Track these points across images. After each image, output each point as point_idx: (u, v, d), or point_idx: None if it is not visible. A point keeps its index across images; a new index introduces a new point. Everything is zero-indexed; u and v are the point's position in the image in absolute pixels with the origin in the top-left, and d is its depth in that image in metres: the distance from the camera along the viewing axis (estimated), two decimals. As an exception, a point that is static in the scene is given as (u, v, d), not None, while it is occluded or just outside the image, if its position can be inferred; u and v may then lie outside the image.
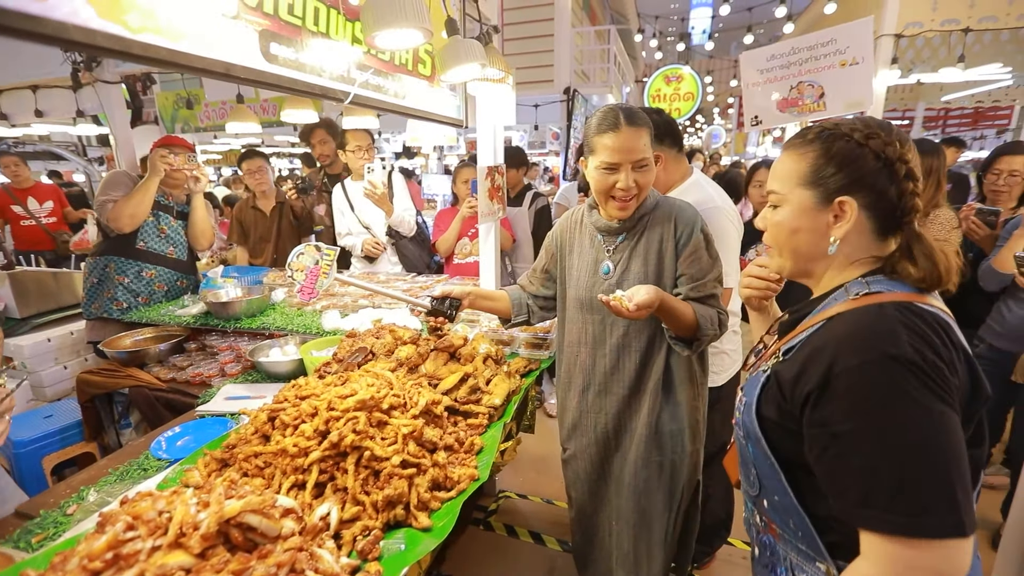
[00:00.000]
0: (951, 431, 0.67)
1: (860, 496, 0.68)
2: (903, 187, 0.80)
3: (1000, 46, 4.43)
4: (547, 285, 1.71)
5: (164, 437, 1.41)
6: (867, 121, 0.84)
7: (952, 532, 0.64)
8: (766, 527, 0.88)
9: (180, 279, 2.77)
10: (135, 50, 0.72)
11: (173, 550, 0.78)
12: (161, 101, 5.07)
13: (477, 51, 1.46)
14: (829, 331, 0.77)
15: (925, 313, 0.73)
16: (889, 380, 0.68)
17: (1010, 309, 2.12)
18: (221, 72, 0.87)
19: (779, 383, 0.81)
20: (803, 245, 0.87)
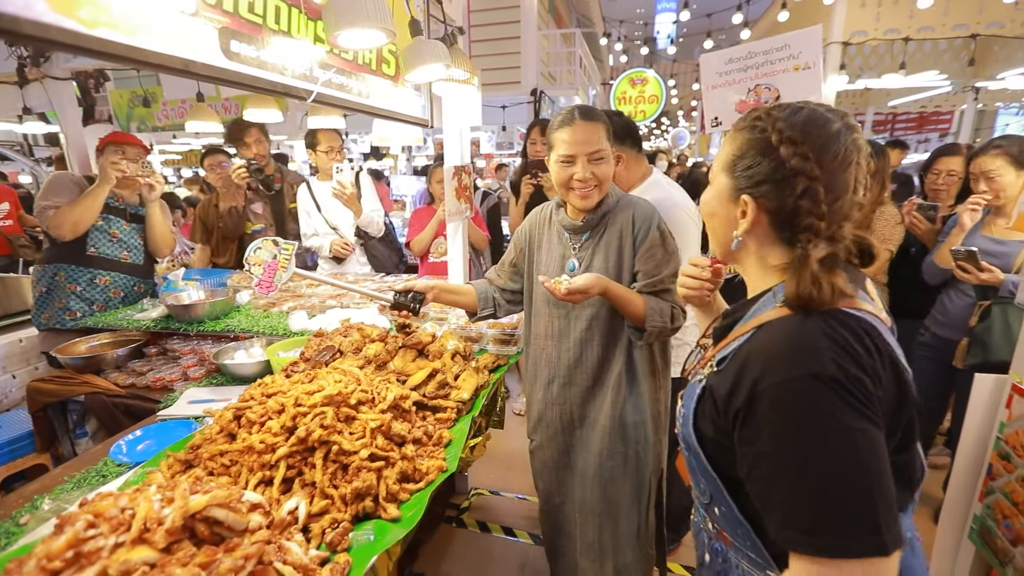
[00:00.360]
0: (872, 449, 0.65)
1: (783, 517, 0.67)
2: (798, 205, 0.74)
3: (938, 55, 4.74)
4: (514, 279, 1.75)
5: (124, 440, 1.38)
6: (803, 124, 0.75)
7: (874, 551, 0.64)
8: (718, 534, 0.87)
9: (137, 284, 2.67)
10: (90, 45, 0.71)
11: (137, 546, 0.77)
12: (115, 99, 4.87)
13: (441, 52, 1.48)
14: (757, 343, 0.74)
15: (850, 319, 0.70)
16: (810, 400, 0.66)
17: (951, 300, 2.27)
18: (179, 68, 0.87)
19: (714, 398, 0.78)
20: (718, 231, 0.86)
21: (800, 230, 0.75)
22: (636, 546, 1.62)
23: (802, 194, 0.74)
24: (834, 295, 0.70)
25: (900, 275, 2.59)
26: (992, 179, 2.04)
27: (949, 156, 2.50)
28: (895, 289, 2.65)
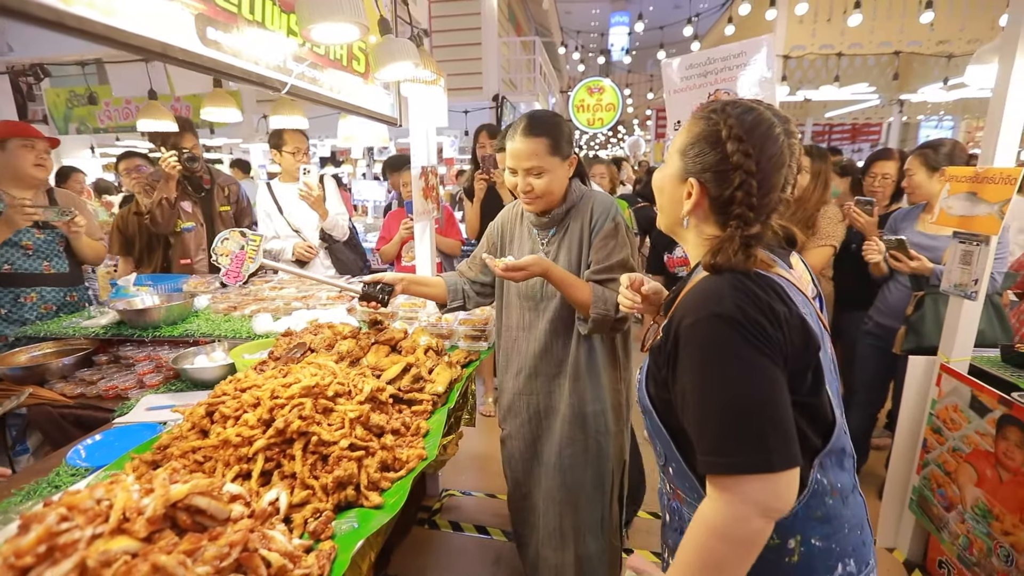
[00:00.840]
0: (766, 380, 0.74)
1: (697, 443, 0.77)
2: (733, 195, 0.83)
3: (867, 69, 5.18)
4: (485, 272, 1.78)
5: (83, 445, 1.31)
6: (750, 125, 0.83)
7: (760, 467, 0.72)
8: (673, 493, 0.95)
9: (69, 294, 2.51)
10: (69, 22, 0.69)
11: (116, 536, 0.75)
12: (51, 98, 4.58)
13: (411, 50, 1.51)
14: (681, 301, 0.84)
15: (759, 277, 0.81)
16: (712, 334, 0.76)
17: (891, 291, 2.47)
18: (158, 52, 0.85)
19: (653, 356, 0.88)
20: (666, 206, 0.95)
21: (732, 217, 0.85)
22: (600, 536, 1.66)
23: (739, 186, 0.83)
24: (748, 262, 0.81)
25: (844, 269, 2.79)
26: (910, 177, 2.28)
27: (883, 160, 2.74)
28: (840, 283, 2.85)
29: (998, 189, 1.78)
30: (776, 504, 0.74)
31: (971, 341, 1.95)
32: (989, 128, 1.84)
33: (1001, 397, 1.68)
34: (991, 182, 1.80)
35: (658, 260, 2.91)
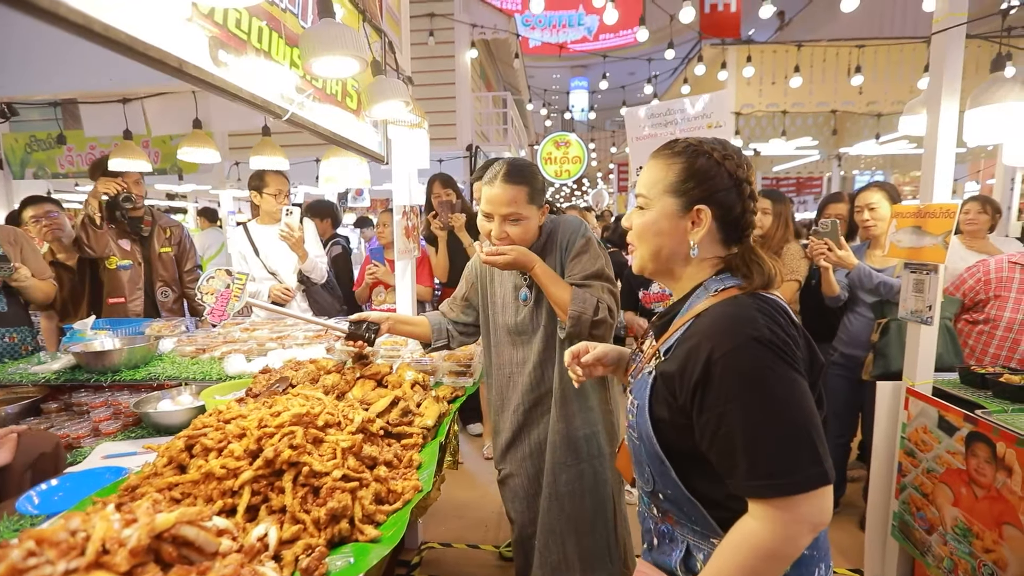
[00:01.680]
0: (806, 395, 0.78)
1: (747, 468, 0.77)
2: (746, 204, 0.92)
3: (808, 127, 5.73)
4: (467, 312, 1.79)
5: (35, 491, 1.18)
6: (724, 143, 0.95)
7: (819, 481, 0.75)
8: (663, 517, 0.95)
9: (9, 335, 2.37)
10: (96, 28, 0.70)
11: (93, 570, 0.67)
12: (8, 143, 4.45)
13: (402, 90, 1.57)
14: (701, 325, 0.86)
15: (771, 301, 0.86)
16: (755, 358, 0.78)
17: (851, 322, 2.60)
18: (174, 67, 0.86)
19: (665, 381, 0.88)
20: (666, 247, 0.95)
21: (745, 226, 0.94)
22: (609, 564, 1.60)
23: (749, 197, 0.93)
24: (779, 274, 0.90)
25: (808, 304, 2.94)
26: (874, 208, 2.45)
27: (835, 203, 3.00)
28: (804, 316, 2.99)
29: (939, 222, 1.95)
30: (824, 517, 0.76)
31: (931, 364, 2.06)
32: (926, 168, 2.03)
33: (966, 415, 1.76)
34: (933, 216, 1.97)
35: (633, 297, 2.99)
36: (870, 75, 4.77)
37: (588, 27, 19.65)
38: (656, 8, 5.97)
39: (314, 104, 1.41)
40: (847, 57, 4.82)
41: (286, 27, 1.22)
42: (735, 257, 0.93)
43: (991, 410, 1.77)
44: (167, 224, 3.07)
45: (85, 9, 0.68)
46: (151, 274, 2.97)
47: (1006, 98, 1.85)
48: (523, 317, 1.62)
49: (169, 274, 3.03)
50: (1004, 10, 2.06)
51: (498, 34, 6.36)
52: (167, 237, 3.02)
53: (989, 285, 2.33)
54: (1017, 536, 1.57)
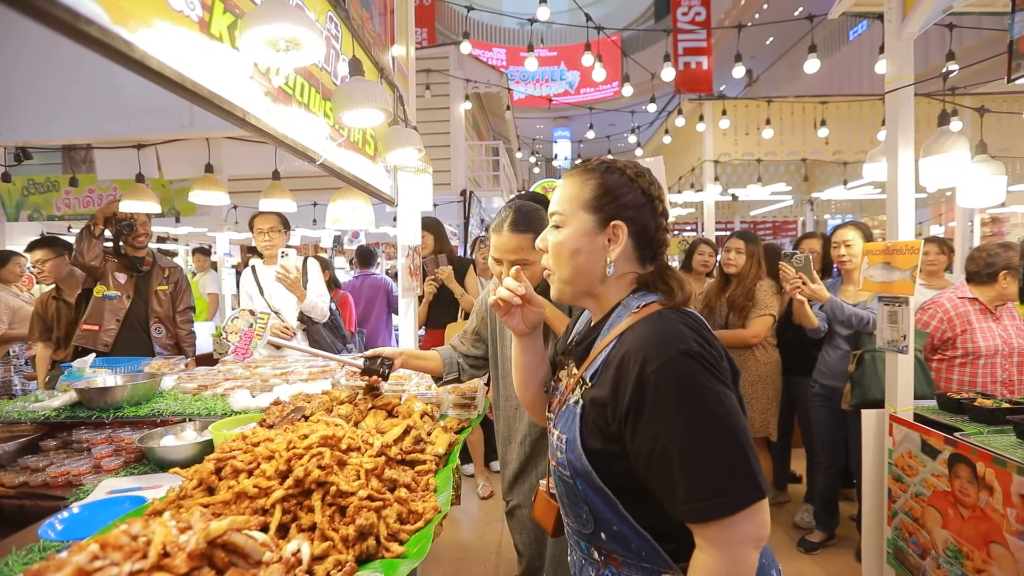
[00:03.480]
0: (735, 408, 0.77)
1: (684, 492, 0.73)
2: (659, 222, 0.91)
3: (781, 173, 6.13)
4: (477, 346, 1.86)
5: (57, 519, 1.19)
6: (635, 162, 0.95)
7: (756, 496, 0.73)
8: (607, 559, 0.88)
9: None
10: (188, 84, 0.80)
11: (155, 572, 0.71)
12: (5, 186, 4.50)
13: (416, 139, 1.71)
14: (626, 344, 0.82)
15: (693, 315, 0.85)
16: (686, 372, 0.76)
17: (829, 354, 2.73)
18: (239, 117, 0.97)
19: (595, 408, 0.83)
20: (584, 264, 0.90)
21: (659, 244, 0.93)
22: None
23: (661, 213, 0.93)
24: (693, 294, 0.90)
25: (787, 338, 3.07)
26: (849, 245, 2.63)
27: (810, 239, 3.21)
28: (784, 351, 3.11)
29: (906, 258, 2.12)
30: (764, 532, 0.75)
31: (911, 391, 2.18)
32: (890, 209, 2.23)
33: (946, 438, 1.87)
34: (900, 253, 2.15)
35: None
36: (834, 127, 5.20)
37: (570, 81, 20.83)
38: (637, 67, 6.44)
39: (341, 150, 1.54)
40: (812, 112, 5.27)
41: (322, 84, 1.36)
42: (650, 275, 0.91)
43: (968, 432, 1.88)
44: (166, 265, 3.21)
45: (180, 69, 0.79)
46: (146, 312, 3.07)
47: (952, 148, 2.08)
48: None
49: (164, 311, 3.12)
50: (945, 73, 2.34)
51: (490, 88, 6.79)
52: (165, 276, 3.14)
53: (952, 323, 2.48)
54: (1004, 554, 1.64)
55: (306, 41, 0.93)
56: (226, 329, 1.57)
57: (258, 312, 1.59)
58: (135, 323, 3.03)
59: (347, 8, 1.36)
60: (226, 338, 1.54)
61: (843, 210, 7.87)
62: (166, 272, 3.15)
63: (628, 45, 18.37)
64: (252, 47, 0.92)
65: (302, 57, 0.97)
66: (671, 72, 4.55)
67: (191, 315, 3.29)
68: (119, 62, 0.73)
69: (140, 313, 3.04)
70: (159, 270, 3.12)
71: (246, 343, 1.54)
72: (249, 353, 1.52)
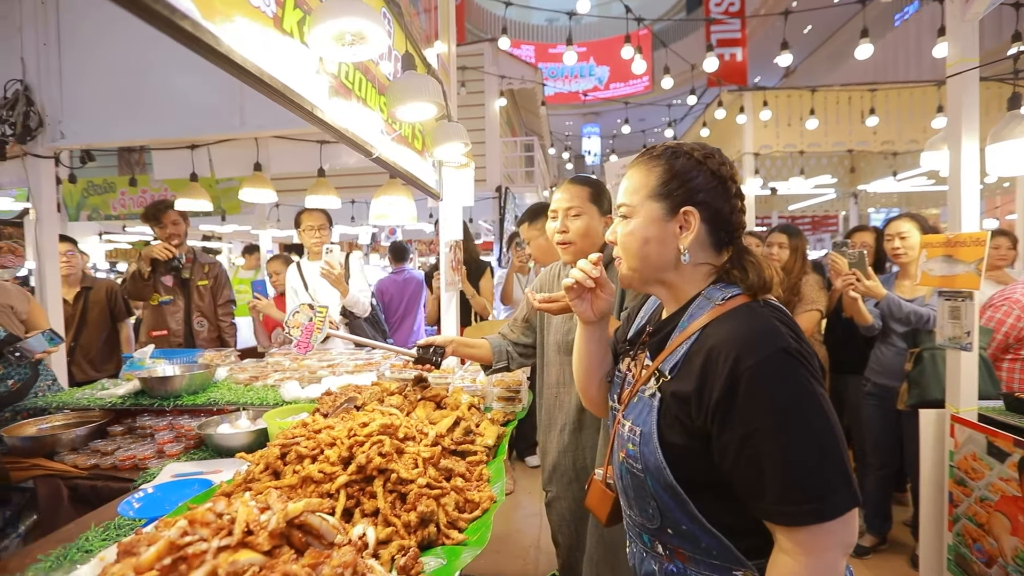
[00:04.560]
0: (830, 409, 0.73)
1: (777, 494, 0.71)
2: (732, 203, 0.87)
3: (823, 166, 5.91)
4: (526, 333, 1.87)
5: (134, 497, 1.26)
6: (703, 144, 0.91)
7: (851, 504, 0.70)
8: (672, 555, 0.86)
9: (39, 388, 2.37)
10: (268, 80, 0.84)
11: (240, 549, 0.74)
12: (67, 188, 4.77)
13: (463, 134, 1.73)
14: (714, 337, 0.79)
15: (783, 310, 0.81)
16: (785, 371, 0.73)
17: (882, 352, 2.62)
18: (307, 110, 1.01)
19: (678, 402, 0.80)
20: (654, 254, 0.88)
21: (735, 227, 0.89)
22: None
23: (735, 195, 0.88)
24: (778, 278, 0.85)
25: (836, 335, 2.96)
26: (904, 237, 2.51)
27: (862, 231, 3.08)
28: (833, 349, 3.00)
29: (970, 251, 2.01)
30: (854, 539, 0.73)
31: (975, 390, 2.07)
32: (952, 200, 2.12)
33: (1016, 439, 1.77)
34: (963, 245, 2.04)
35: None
36: (884, 116, 4.98)
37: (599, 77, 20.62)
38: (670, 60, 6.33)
39: (393, 144, 1.57)
40: (859, 100, 5.05)
41: (377, 79, 1.39)
42: (728, 262, 0.88)
43: (1042, 434, 1.77)
44: (206, 261, 3.35)
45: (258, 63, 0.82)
46: (190, 305, 3.22)
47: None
48: (575, 335, 1.69)
49: (205, 305, 3.27)
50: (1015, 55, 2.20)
51: (525, 84, 6.78)
52: (205, 272, 3.29)
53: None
54: (1083, 563, 1.55)
55: (371, 35, 0.95)
56: (288, 324, 1.62)
57: (317, 306, 1.64)
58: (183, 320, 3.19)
59: (399, 3, 1.39)
60: (288, 333, 1.60)
61: (889, 203, 7.53)
62: (206, 268, 3.29)
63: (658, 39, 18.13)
64: (320, 41, 0.95)
65: (366, 51, 0.99)
66: (714, 62, 4.45)
67: (232, 308, 3.44)
68: (206, 55, 0.76)
69: (184, 309, 3.19)
70: (199, 266, 3.27)
71: (307, 336, 1.59)
72: (311, 346, 1.58)
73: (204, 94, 2.44)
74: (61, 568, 1.17)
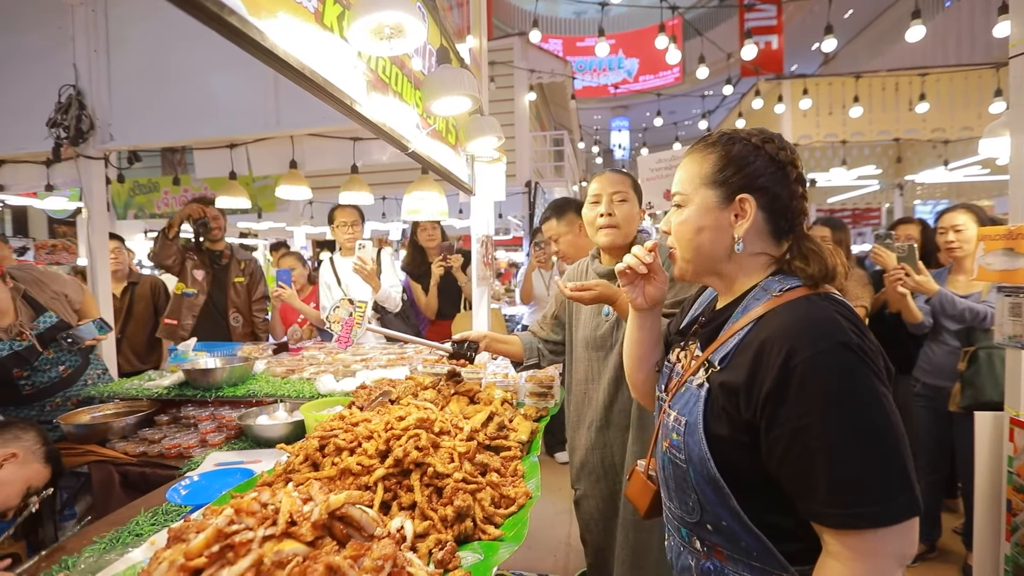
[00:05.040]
0: (894, 412, 0.69)
1: (827, 494, 0.68)
2: (793, 189, 0.83)
3: (866, 156, 5.65)
4: (556, 330, 1.85)
5: (181, 485, 1.31)
6: (762, 129, 0.88)
7: (910, 512, 0.66)
8: (710, 551, 0.83)
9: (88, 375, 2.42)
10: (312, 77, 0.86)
11: (284, 540, 0.76)
12: (115, 188, 4.99)
13: (496, 127, 1.71)
14: (768, 329, 0.75)
15: (845, 304, 0.77)
16: (843, 367, 0.69)
17: (933, 351, 2.49)
18: (347, 105, 1.02)
19: (726, 393, 0.77)
20: (707, 243, 0.86)
21: (796, 213, 0.84)
22: None
23: (795, 180, 0.84)
24: (843, 268, 0.79)
25: (881, 333, 2.81)
26: (960, 230, 2.37)
27: (906, 224, 2.92)
28: (882, 345, 2.87)
29: (1037, 244, 1.88)
30: (911, 550, 0.68)
31: (1039, 392, 1.94)
32: (1015, 190, 1.99)
33: (1088, 446, 1.65)
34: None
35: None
36: (934, 102, 4.70)
37: (628, 70, 20.28)
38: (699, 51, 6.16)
39: (428, 139, 1.57)
40: (907, 87, 4.79)
41: (412, 73, 1.39)
42: (787, 255, 0.84)
43: (1115, 441, 1.65)
44: (242, 257, 3.43)
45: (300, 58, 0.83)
46: (226, 301, 3.29)
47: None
48: (604, 331, 1.67)
49: (241, 301, 3.34)
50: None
51: (555, 77, 6.72)
52: (241, 268, 3.36)
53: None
54: None
55: (409, 27, 0.95)
56: (328, 319, 1.66)
57: (356, 301, 1.67)
58: (215, 314, 3.25)
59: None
60: (329, 327, 1.64)
61: (937, 194, 7.14)
62: (242, 264, 3.37)
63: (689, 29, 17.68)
64: (359, 35, 0.96)
65: (404, 44, 0.99)
66: (752, 49, 4.30)
67: (266, 304, 3.51)
68: (251, 51, 0.78)
69: (220, 304, 3.26)
70: (236, 263, 3.34)
71: (348, 331, 1.63)
72: (351, 341, 1.61)
73: (242, 95, 2.51)
74: (115, 550, 1.22)
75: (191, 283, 3.20)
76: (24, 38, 2.75)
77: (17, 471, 1.55)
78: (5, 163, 3.08)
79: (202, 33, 0.79)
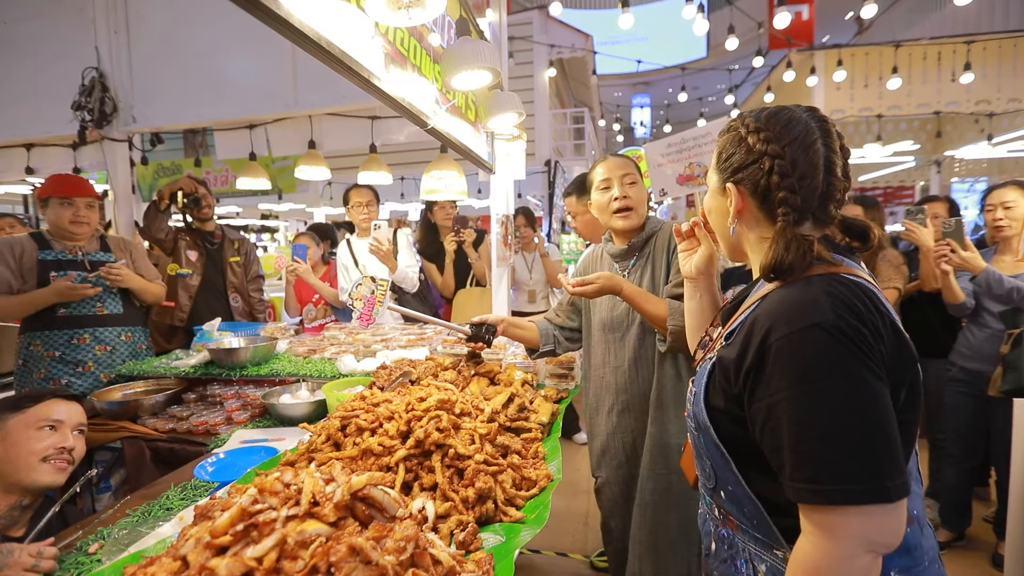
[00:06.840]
0: (873, 397, 0.68)
1: (791, 467, 0.70)
2: (770, 181, 0.81)
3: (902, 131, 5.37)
4: (572, 317, 1.83)
5: (208, 461, 1.33)
6: (768, 116, 0.84)
7: (874, 498, 0.66)
8: (724, 519, 0.87)
9: (124, 333, 2.50)
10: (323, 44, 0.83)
11: (307, 520, 0.75)
12: (140, 171, 5.06)
13: (517, 103, 1.66)
14: (761, 309, 0.78)
15: (849, 282, 0.75)
16: (814, 348, 0.69)
17: (973, 333, 2.39)
18: (364, 78, 0.99)
19: (723, 368, 0.81)
20: (717, 224, 0.93)
21: (777, 203, 0.81)
22: None
23: (770, 171, 0.81)
24: (805, 259, 0.77)
25: (914, 318, 2.72)
26: (1009, 207, 2.24)
27: (934, 202, 2.78)
28: (912, 331, 2.76)
29: (1092, 223, 1.77)
30: (883, 539, 0.68)
31: (1086, 379, 1.85)
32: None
33: None
34: (1083, 216, 1.80)
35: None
36: (979, 73, 4.41)
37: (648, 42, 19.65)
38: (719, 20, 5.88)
39: (447, 115, 1.53)
40: (951, 56, 4.49)
41: (431, 47, 1.35)
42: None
43: None
44: (235, 237, 3.31)
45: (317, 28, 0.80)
46: (223, 281, 3.18)
47: None
48: (620, 312, 1.64)
49: (238, 281, 3.23)
50: None
51: (575, 53, 6.53)
52: (235, 248, 3.25)
53: None
54: None
55: (428, -4, 0.91)
56: (351, 296, 1.66)
57: (378, 279, 1.66)
58: (215, 295, 3.14)
59: (451, -34, 1.33)
60: (351, 305, 1.63)
61: (976, 172, 6.78)
62: (236, 244, 3.24)
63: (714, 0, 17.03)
64: (377, 5, 0.92)
65: (423, 14, 0.95)
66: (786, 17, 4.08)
67: (261, 283, 3.41)
68: (267, 21, 0.75)
69: (218, 285, 3.15)
70: (229, 242, 3.22)
71: (369, 309, 1.63)
72: (373, 319, 1.61)
73: (260, 74, 2.49)
74: (146, 523, 1.26)
75: (185, 263, 3.06)
76: (48, 22, 2.77)
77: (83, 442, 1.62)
78: (34, 146, 3.14)
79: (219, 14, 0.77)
